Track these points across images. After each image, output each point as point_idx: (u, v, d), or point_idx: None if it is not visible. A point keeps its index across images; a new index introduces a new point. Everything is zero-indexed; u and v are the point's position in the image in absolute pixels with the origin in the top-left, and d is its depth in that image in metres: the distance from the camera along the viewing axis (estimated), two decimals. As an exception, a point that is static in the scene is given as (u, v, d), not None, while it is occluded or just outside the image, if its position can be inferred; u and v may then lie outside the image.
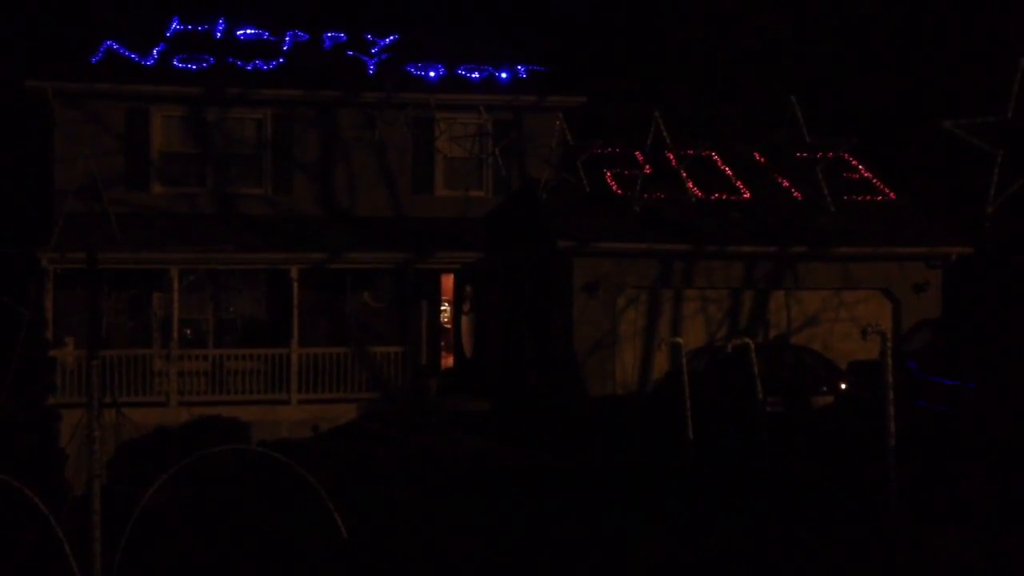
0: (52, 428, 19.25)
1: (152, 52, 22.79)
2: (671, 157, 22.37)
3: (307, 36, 24.59)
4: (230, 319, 22.24)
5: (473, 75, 23.67)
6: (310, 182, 22.71)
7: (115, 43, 22.77)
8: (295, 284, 20.72)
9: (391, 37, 24.84)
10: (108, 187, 21.15)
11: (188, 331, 21.70)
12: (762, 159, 24.19)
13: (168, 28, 24.01)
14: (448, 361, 23.96)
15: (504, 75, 23.69)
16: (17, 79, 21.55)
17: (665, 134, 21.03)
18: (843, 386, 18.65)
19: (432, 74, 23.46)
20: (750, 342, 14.64)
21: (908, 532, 11.24)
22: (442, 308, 23.90)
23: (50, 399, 19.52)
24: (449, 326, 24.34)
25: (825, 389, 18.69)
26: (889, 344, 11.71)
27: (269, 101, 22.39)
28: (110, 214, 20.19)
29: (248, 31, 24.15)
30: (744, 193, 22.78)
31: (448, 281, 23.82)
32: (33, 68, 21.83)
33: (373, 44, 24.49)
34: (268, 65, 22.97)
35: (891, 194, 23.47)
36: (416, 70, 23.55)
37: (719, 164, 23.81)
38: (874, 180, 23.84)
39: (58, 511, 8.49)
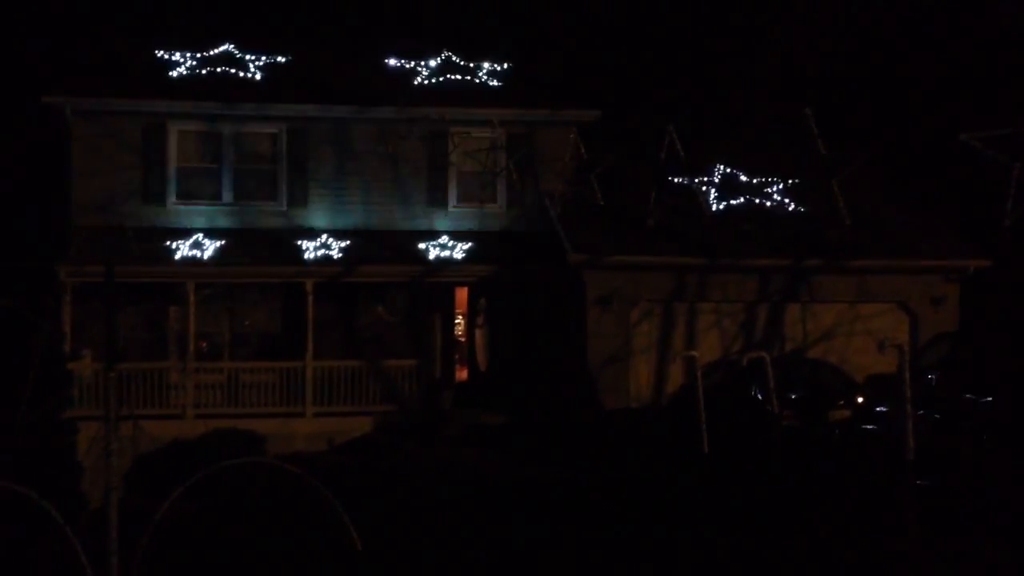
0: (69, 440, 19.33)
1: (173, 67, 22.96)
2: (685, 170, 22.34)
3: (320, 51, 24.70)
4: (245, 332, 22.31)
5: (487, 88, 23.71)
6: (325, 196, 22.77)
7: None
8: (310, 298, 20.79)
9: (404, 50, 24.90)
10: (125, 201, 21.27)
11: (204, 344, 21.77)
12: (777, 172, 24.12)
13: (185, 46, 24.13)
14: (462, 374, 23.95)
15: (518, 89, 23.71)
16: (35, 94, 21.69)
17: (679, 147, 21.01)
18: (860, 400, 18.54)
19: (446, 88, 23.52)
20: (766, 356, 14.61)
21: (927, 547, 11.17)
22: (456, 321, 23.91)
23: (67, 412, 19.59)
24: (463, 339, 24.33)
25: (842, 403, 18.58)
26: (907, 358, 11.65)
27: (284, 116, 22.48)
28: (127, 228, 20.29)
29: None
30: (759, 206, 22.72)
31: (462, 294, 23.83)
32: (50, 84, 21.97)
33: (385, 56, 24.55)
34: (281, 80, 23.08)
35: (907, 207, 23.37)
36: (430, 83, 23.62)
37: (733, 177, 23.75)
38: (890, 193, 23.74)
39: (75, 523, 8.52)
